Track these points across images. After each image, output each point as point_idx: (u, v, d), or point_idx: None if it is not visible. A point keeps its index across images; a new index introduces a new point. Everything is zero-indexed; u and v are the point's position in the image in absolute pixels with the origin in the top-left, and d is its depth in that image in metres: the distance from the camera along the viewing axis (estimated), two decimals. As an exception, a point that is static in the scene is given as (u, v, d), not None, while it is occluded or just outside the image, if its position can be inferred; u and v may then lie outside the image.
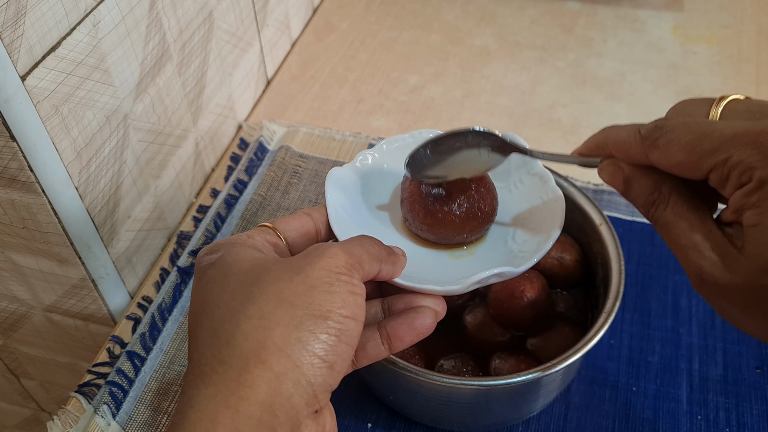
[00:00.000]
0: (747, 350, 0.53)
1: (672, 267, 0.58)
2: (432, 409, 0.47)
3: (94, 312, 0.56)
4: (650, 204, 0.35)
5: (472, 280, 0.39)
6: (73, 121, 0.46)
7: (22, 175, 0.44)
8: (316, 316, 0.33)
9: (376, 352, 0.38)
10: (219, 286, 0.34)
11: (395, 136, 0.49)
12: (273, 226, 0.40)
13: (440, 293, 0.40)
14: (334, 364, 0.33)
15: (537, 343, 0.48)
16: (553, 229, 0.42)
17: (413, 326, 0.38)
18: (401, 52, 0.83)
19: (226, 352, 0.32)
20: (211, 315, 0.34)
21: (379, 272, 0.38)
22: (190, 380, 0.32)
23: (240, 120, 0.73)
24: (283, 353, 0.31)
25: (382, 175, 0.48)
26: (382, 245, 0.39)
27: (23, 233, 0.49)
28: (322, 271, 0.34)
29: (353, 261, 0.35)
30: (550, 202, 0.44)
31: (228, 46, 0.67)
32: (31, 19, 0.41)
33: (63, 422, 0.50)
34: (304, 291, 0.33)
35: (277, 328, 0.32)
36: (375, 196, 0.48)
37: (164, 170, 0.59)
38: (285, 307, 0.32)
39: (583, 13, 0.87)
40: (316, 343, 0.32)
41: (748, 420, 0.49)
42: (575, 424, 0.50)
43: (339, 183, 0.45)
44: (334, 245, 0.35)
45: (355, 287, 0.34)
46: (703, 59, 0.80)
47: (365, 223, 0.46)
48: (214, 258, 0.36)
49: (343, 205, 0.44)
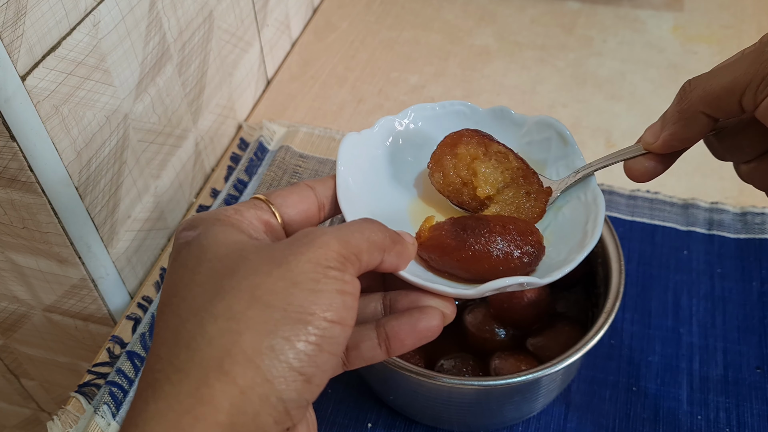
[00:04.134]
0: (747, 350, 0.53)
1: (672, 266, 0.58)
2: (432, 409, 0.47)
3: (94, 312, 0.56)
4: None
5: (490, 287, 0.35)
6: (73, 121, 0.46)
7: (22, 175, 0.44)
8: (295, 319, 0.28)
9: (371, 354, 0.34)
10: (189, 274, 0.30)
11: (423, 104, 0.44)
12: (267, 199, 0.34)
13: (451, 295, 0.35)
14: (312, 377, 0.28)
15: (537, 342, 0.48)
16: (587, 238, 0.37)
17: (416, 328, 0.34)
18: (401, 52, 0.83)
19: (184, 357, 0.27)
20: (176, 309, 0.29)
21: (381, 263, 0.33)
22: (141, 389, 0.28)
23: (240, 120, 0.73)
24: (252, 363, 0.27)
25: (405, 147, 0.43)
26: (387, 231, 0.33)
27: (23, 233, 0.49)
28: (308, 264, 0.29)
29: (348, 252, 0.30)
30: (588, 203, 0.40)
31: (228, 46, 0.67)
32: (31, 19, 0.41)
33: (63, 422, 0.50)
34: (284, 288, 0.28)
35: (246, 332, 0.27)
36: (395, 169, 0.43)
37: (164, 170, 0.59)
38: (259, 306, 0.28)
39: (583, 13, 0.87)
40: (291, 353, 0.27)
41: (749, 420, 0.49)
42: (575, 424, 0.50)
43: (354, 151, 0.40)
44: (327, 231, 0.30)
45: (346, 285, 0.30)
46: (704, 59, 0.80)
47: (379, 200, 0.41)
48: (190, 236, 0.31)
49: (355, 177, 0.39)
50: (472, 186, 0.41)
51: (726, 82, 0.33)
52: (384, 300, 0.36)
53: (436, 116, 0.44)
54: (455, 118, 0.45)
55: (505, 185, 0.41)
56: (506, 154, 0.41)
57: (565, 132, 0.42)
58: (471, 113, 0.45)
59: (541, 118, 0.43)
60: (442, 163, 0.41)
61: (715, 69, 0.34)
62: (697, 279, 0.57)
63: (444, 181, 0.41)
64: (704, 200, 0.63)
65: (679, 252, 0.59)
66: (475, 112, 0.45)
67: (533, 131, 0.44)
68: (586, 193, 0.40)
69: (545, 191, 0.41)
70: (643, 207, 0.63)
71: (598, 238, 0.37)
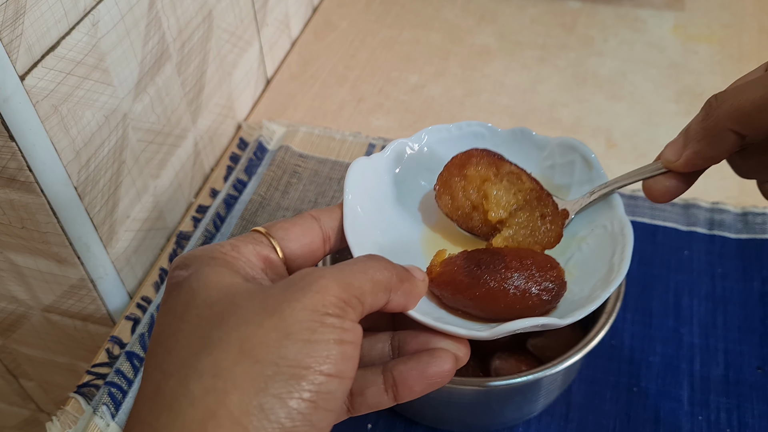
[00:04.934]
0: (749, 350, 0.53)
1: (673, 266, 0.58)
2: (432, 410, 0.47)
3: (93, 312, 0.56)
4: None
5: (505, 329, 0.32)
6: (72, 120, 0.46)
7: (20, 175, 0.44)
8: (288, 375, 0.25)
9: (377, 401, 0.31)
10: (177, 322, 0.27)
11: (438, 125, 0.41)
12: (267, 232, 0.32)
13: (463, 336, 0.32)
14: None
15: (538, 343, 0.48)
16: (613, 273, 0.35)
17: (426, 374, 0.31)
18: (401, 51, 0.83)
19: (165, 420, 0.25)
20: (160, 362, 0.26)
21: (387, 303, 0.31)
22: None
23: (239, 119, 0.73)
24: (239, 426, 0.24)
25: (418, 172, 0.41)
26: (395, 268, 0.31)
27: (22, 233, 0.49)
28: (304, 312, 0.26)
29: (348, 296, 0.28)
30: (615, 234, 0.37)
31: (227, 46, 0.67)
32: (30, 18, 0.41)
33: (62, 423, 0.50)
34: (276, 340, 0.26)
35: (234, 391, 0.25)
36: (407, 196, 0.40)
37: (163, 170, 0.59)
38: (248, 362, 0.25)
39: (584, 12, 0.87)
40: (282, 411, 0.25)
41: (750, 420, 0.49)
42: (576, 425, 0.49)
43: (362, 178, 0.37)
44: (327, 273, 0.28)
45: (346, 333, 0.27)
46: (704, 58, 0.79)
47: (390, 230, 0.38)
48: (182, 276, 0.29)
49: (364, 206, 0.37)
50: (482, 210, 0.39)
51: (757, 97, 0.31)
52: (392, 340, 0.34)
53: (451, 138, 0.41)
54: (473, 141, 0.42)
55: (518, 208, 0.39)
56: (519, 175, 0.39)
57: (590, 155, 0.40)
58: (489, 135, 0.42)
59: (564, 140, 0.41)
60: (450, 185, 0.39)
61: (741, 84, 0.33)
62: (698, 279, 0.57)
63: (452, 205, 0.39)
64: (705, 200, 0.63)
65: (680, 252, 0.59)
66: (494, 134, 0.42)
67: (555, 154, 0.42)
68: (612, 223, 0.38)
69: (561, 213, 0.39)
70: (643, 207, 0.63)
71: (625, 273, 0.34)
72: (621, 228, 0.37)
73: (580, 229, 0.39)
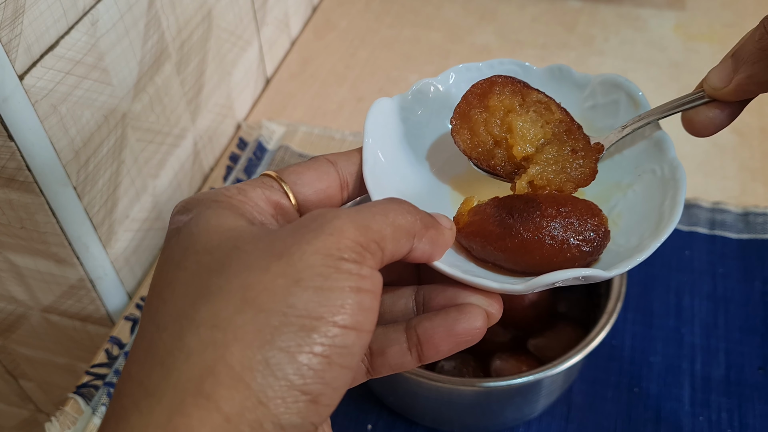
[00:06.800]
0: (750, 350, 0.53)
1: (674, 266, 0.58)
2: (433, 411, 0.47)
3: (92, 312, 0.56)
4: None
5: (542, 281, 0.29)
6: (71, 120, 0.46)
7: (20, 174, 0.44)
8: (297, 326, 0.22)
9: (399, 361, 0.28)
10: (174, 270, 0.24)
11: (467, 64, 0.37)
12: (278, 176, 0.29)
13: (496, 291, 0.30)
14: (319, 396, 0.22)
15: (538, 343, 0.48)
16: (663, 220, 0.31)
17: (454, 331, 0.28)
18: (401, 51, 0.82)
19: (157, 377, 0.22)
20: (154, 315, 0.24)
21: (410, 251, 0.27)
22: (105, 420, 0.23)
23: (239, 119, 0.73)
24: (241, 383, 0.21)
25: (446, 115, 0.36)
26: (419, 213, 0.27)
27: (21, 233, 0.49)
28: (316, 256, 0.23)
29: (367, 240, 0.24)
30: (666, 179, 0.33)
31: (227, 45, 0.67)
32: (29, 18, 0.41)
33: (61, 423, 0.49)
34: (284, 287, 0.23)
35: (235, 344, 0.22)
36: (433, 141, 0.37)
37: (163, 170, 0.59)
38: (252, 311, 0.22)
39: (585, 12, 0.87)
40: (291, 367, 0.22)
41: (751, 421, 0.49)
42: (577, 425, 0.49)
43: (384, 120, 0.34)
44: (343, 214, 0.24)
45: (364, 280, 0.24)
46: (705, 58, 0.79)
47: (414, 177, 0.35)
48: (182, 221, 0.26)
49: (385, 151, 0.33)
50: (506, 145, 0.34)
51: None
52: (417, 295, 0.31)
53: (482, 77, 0.36)
54: None
55: (546, 142, 0.34)
56: (547, 104, 0.35)
57: (636, 93, 0.36)
58: (524, 73, 0.38)
59: (608, 76, 0.37)
60: (469, 118, 0.34)
61: None
62: (699, 279, 0.57)
63: (472, 141, 0.35)
64: (706, 200, 0.63)
65: (681, 252, 0.59)
66: (529, 72, 0.38)
67: (597, 93, 0.37)
68: (662, 166, 0.33)
69: (595, 148, 0.34)
70: (644, 207, 0.63)
71: (677, 220, 0.30)
72: (672, 172, 0.33)
73: (624, 175, 0.35)
